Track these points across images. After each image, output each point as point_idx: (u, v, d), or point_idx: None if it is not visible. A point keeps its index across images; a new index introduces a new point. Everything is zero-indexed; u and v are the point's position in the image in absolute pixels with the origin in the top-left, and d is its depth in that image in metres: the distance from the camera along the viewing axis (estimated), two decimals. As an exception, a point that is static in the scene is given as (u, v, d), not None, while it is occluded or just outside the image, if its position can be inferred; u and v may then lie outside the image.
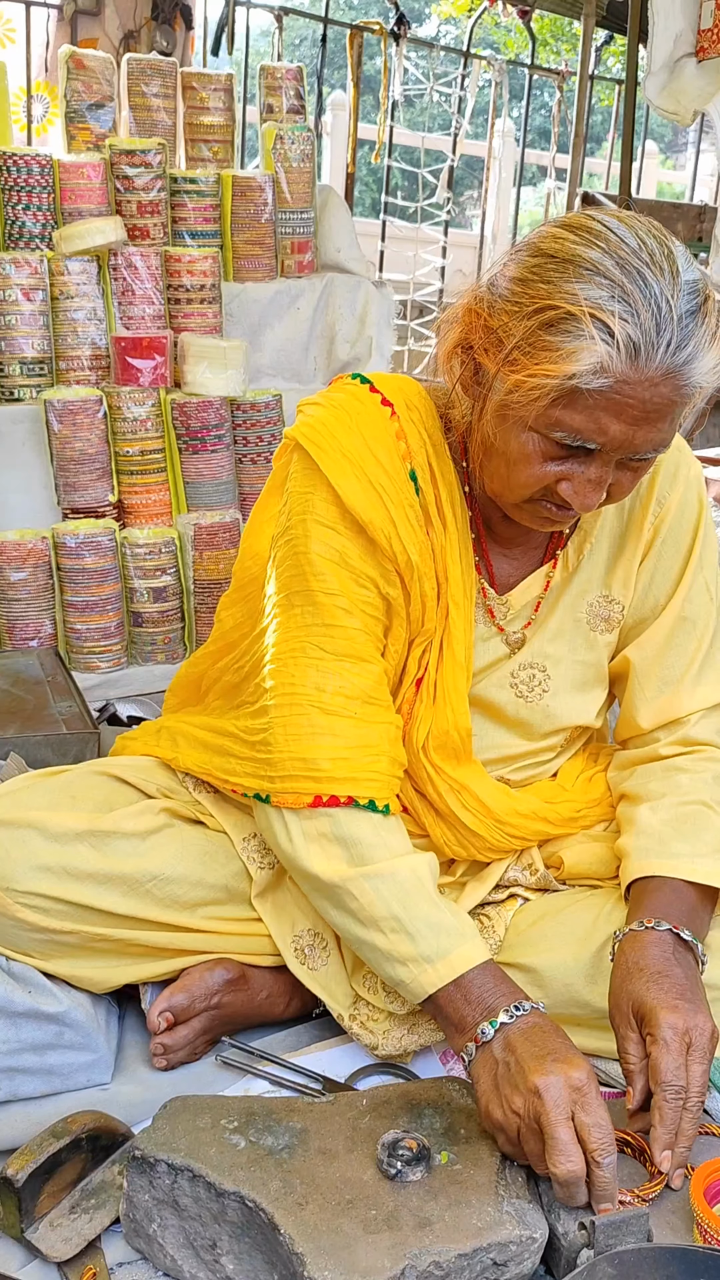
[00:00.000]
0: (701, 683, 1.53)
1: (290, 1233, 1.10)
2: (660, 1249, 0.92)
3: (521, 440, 1.26)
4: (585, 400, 1.19)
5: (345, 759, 1.35)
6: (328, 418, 1.39)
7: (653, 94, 2.99)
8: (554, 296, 1.18)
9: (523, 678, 1.52)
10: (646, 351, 1.16)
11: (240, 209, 2.95)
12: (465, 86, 6.91)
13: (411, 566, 1.39)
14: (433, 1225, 1.12)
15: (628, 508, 1.50)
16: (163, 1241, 1.19)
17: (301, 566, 1.38)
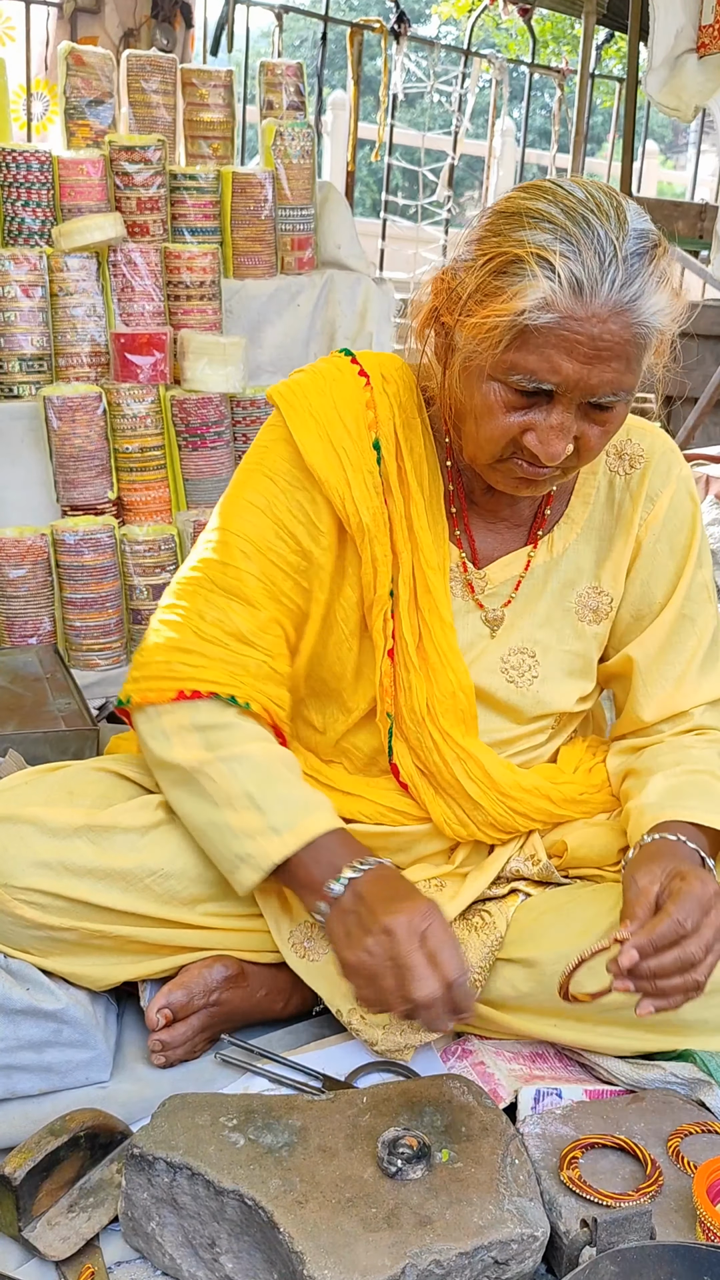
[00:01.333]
0: (704, 678, 1.55)
1: (290, 1231, 1.10)
2: (663, 1246, 0.92)
3: (484, 392, 1.30)
4: (536, 339, 1.24)
5: (203, 665, 1.42)
6: (305, 381, 1.47)
7: (654, 90, 2.99)
8: (502, 245, 1.25)
9: (513, 663, 1.54)
10: (591, 286, 1.22)
11: (240, 205, 2.94)
12: (466, 85, 6.90)
13: (363, 529, 1.44)
14: (433, 1223, 1.12)
15: (618, 502, 1.52)
16: (161, 1240, 1.18)
17: (228, 506, 1.48)
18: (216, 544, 1.46)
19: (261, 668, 1.44)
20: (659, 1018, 1.40)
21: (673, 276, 1.29)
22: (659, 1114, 1.36)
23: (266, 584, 1.45)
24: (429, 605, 1.47)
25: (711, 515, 3.34)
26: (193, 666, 1.42)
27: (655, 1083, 1.42)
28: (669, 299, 1.27)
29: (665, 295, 1.26)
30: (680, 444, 5.26)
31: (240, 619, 1.44)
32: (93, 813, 1.45)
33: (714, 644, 1.55)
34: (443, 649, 1.48)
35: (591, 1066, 1.48)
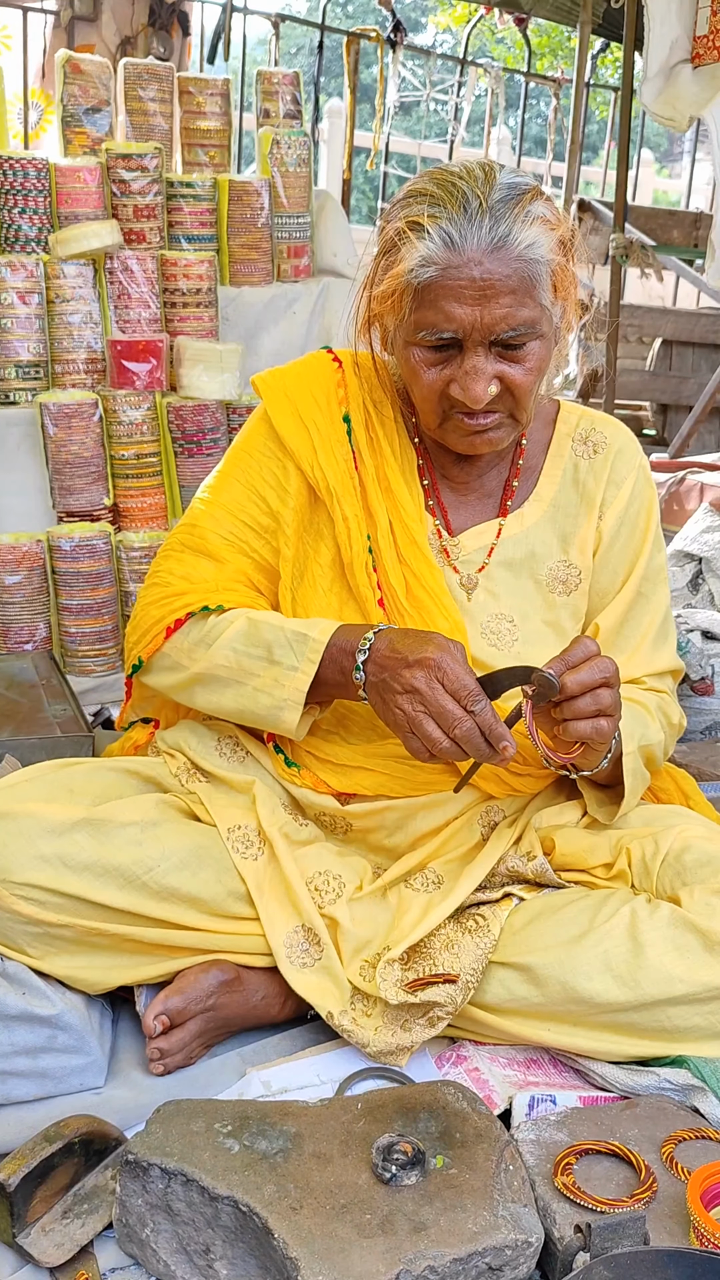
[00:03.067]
0: (656, 652, 1.67)
1: (284, 1237, 1.10)
2: (656, 1251, 0.92)
3: (408, 359, 1.45)
4: (428, 295, 1.39)
5: (182, 593, 1.56)
6: (285, 369, 1.64)
7: (649, 100, 3.00)
8: (389, 226, 1.42)
9: (493, 627, 1.62)
10: (461, 234, 1.36)
11: (236, 213, 2.95)
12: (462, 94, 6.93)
13: (330, 491, 1.57)
14: (428, 1229, 1.12)
15: (582, 483, 1.65)
16: (156, 1247, 1.18)
17: (210, 480, 1.64)
18: (192, 512, 1.63)
19: (230, 582, 1.59)
20: (652, 1025, 1.42)
21: (548, 214, 1.40)
22: (653, 1120, 1.36)
23: (234, 540, 1.60)
24: (413, 554, 1.57)
25: (706, 523, 3.35)
26: (174, 596, 1.58)
27: (649, 1089, 1.43)
28: (541, 232, 1.38)
29: (536, 229, 1.38)
30: (674, 452, 5.28)
31: (206, 572, 1.59)
32: (92, 807, 1.47)
33: (665, 622, 1.68)
34: (433, 590, 1.57)
35: (586, 1072, 1.48)
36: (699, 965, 1.41)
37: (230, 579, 1.59)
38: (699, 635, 2.85)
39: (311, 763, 1.61)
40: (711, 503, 3.47)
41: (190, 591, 1.57)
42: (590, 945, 1.43)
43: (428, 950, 1.50)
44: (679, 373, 6.54)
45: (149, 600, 1.60)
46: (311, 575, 1.60)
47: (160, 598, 1.58)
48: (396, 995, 1.44)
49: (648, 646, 1.66)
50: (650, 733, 1.57)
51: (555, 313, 1.47)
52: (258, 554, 1.61)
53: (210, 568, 1.59)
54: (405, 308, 1.42)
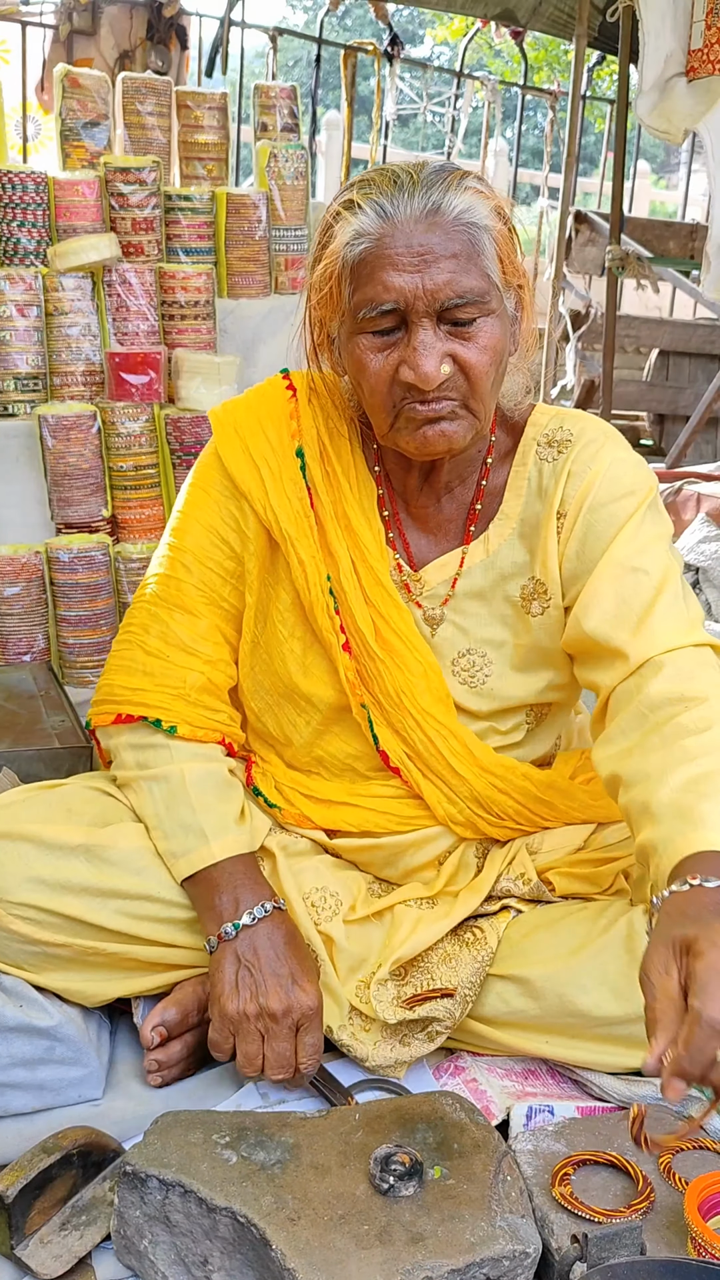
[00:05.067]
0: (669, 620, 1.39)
1: (282, 1248, 1.10)
2: (653, 1262, 0.92)
3: (355, 350, 1.37)
4: (364, 269, 1.33)
5: (140, 689, 1.52)
6: (239, 400, 1.58)
7: (644, 113, 3.02)
8: (325, 218, 1.38)
9: (463, 665, 1.55)
10: (393, 205, 1.32)
11: (234, 226, 2.96)
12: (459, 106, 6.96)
13: (284, 535, 1.50)
14: (425, 1240, 1.12)
15: (545, 489, 1.48)
16: (154, 1258, 1.18)
17: (174, 522, 1.58)
18: (163, 559, 1.57)
19: (200, 679, 1.53)
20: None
21: (481, 187, 1.36)
22: (650, 1130, 1.36)
23: (206, 592, 1.55)
24: (380, 596, 1.51)
25: (703, 533, 3.36)
26: (131, 689, 1.52)
27: (647, 1099, 1.42)
28: (475, 198, 1.34)
29: (470, 195, 1.33)
30: (671, 462, 5.28)
31: (181, 628, 1.54)
32: (91, 831, 1.46)
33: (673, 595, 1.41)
34: (403, 633, 1.51)
35: (583, 1083, 1.48)
36: None
37: (203, 635, 1.54)
38: (696, 645, 2.85)
39: (295, 797, 1.60)
40: (708, 513, 3.48)
41: (151, 688, 1.51)
42: (588, 958, 1.43)
43: (425, 964, 1.50)
44: (675, 383, 6.56)
45: (118, 663, 1.55)
46: (273, 621, 1.55)
47: (126, 667, 1.54)
48: (395, 1015, 1.44)
49: (658, 618, 1.38)
50: None
51: (509, 299, 1.39)
52: (227, 602, 1.56)
53: (184, 624, 1.54)
54: (344, 292, 1.36)
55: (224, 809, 1.48)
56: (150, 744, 1.51)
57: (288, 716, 1.59)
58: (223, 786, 1.51)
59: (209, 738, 1.53)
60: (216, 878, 1.44)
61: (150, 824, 1.49)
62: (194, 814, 1.46)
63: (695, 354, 6.58)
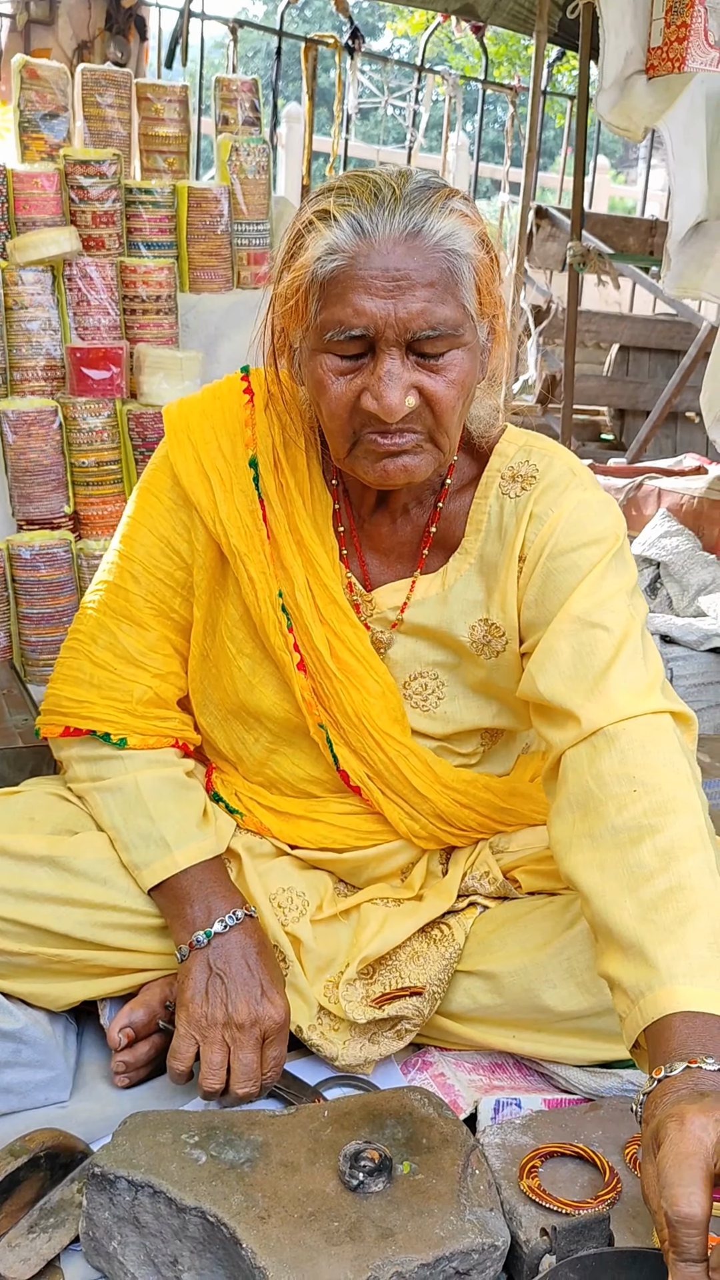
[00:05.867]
0: (626, 683, 1.31)
1: (252, 1247, 1.10)
2: (621, 1252, 0.93)
3: (317, 369, 1.29)
4: (335, 287, 1.24)
5: (86, 702, 1.49)
6: (193, 400, 1.51)
7: (604, 110, 3.03)
8: (296, 224, 1.28)
9: (415, 688, 1.52)
10: (372, 222, 1.22)
11: (196, 220, 2.94)
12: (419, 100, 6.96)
13: (233, 550, 1.46)
14: (395, 1236, 1.12)
15: (504, 528, 1.43)
16: (123, 1259, 1.18)
17: (123, 528, 1.52)
18: (111, 565, 1.53)
19: (147, 693, 1.51)
20: (615, 1029, 1.41)
21: (465, 209, 1.26)
22: (616, 1122, 1.38)
23: (155, 603, 1.51)
24: (335, 614, 1.46)
25: (663, 528, 3.39)
26: (78, 702, 1.50)
27: (613, 1090, 1.44)
28: (459, 223, 1.24)
29: (454, 219, 1.24)
30: (632, 457, 5.32)
31: (129, 640, 1.50)
32: (55, 841, 1.45)
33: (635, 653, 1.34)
34: (360, 653, 1.48)
35: (550, 1076, 1.49)
36: None
37: (151, 647, 1.51)
38: (657, 639, 2.88)
39: (254, 807, 1.59)
40: (669, 508, 3.51)
41: (97, 700, 1.49)
42: (554, 953, 1.44)
43: (393, 963, 1.50)
44: (635, 378, 6.60)
45: (64, 673, 1.53)
46: (221, 636, 1.51)
47: (73, 677, 1.51)
48: (364, 1015, 1.45)
49: (616, 679, 1.31)
50: (712, 904, 1.16)
51: (481, 328, 1.31)
52: (177, 613, 1.52)
53: (132, 636, 1.50)
54: (311, 307, 1.26)
55: (184, 813, 1.47)
56: (101, 755, 1.49)
57: (236, 734, 1.57)
58: (180, 790, 1.49)
59: (161, 744, 1.52)
60: (185, 886, 1.43)
61: (110, 835, 1.47)
62: (153, 823, 1.44)
63: (655, 349, 6.64)
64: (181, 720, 1.55)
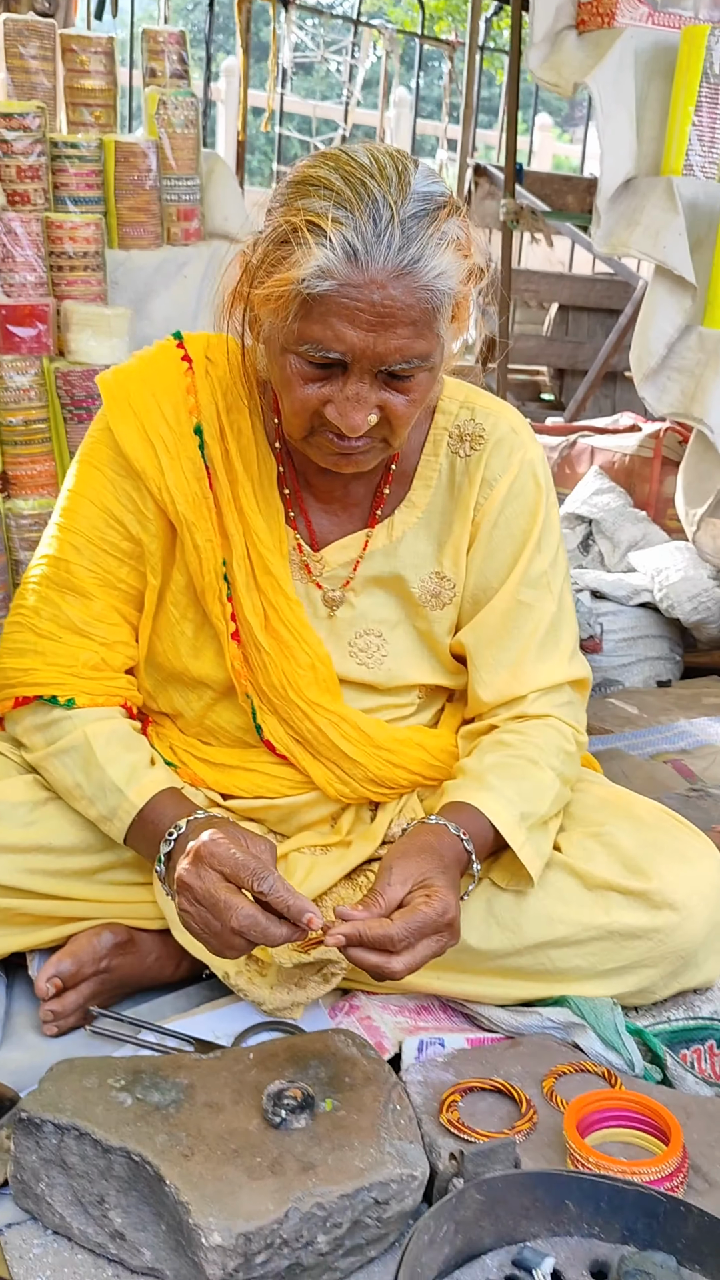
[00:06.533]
0: (542, 662, 1.53)
1: (175, 1183, 1.12)
2: (525, 1174, 0.97)
3: (282, 365, 1.29)
4: (319, 308, 1.22)
5: (31, 669, 1.48)
6: (129, 369, 1.48)
7: (534, 65, 3.02)
8: (285, 215, 1.23)
9: (360, 645, 1.55)
10: (366, 251, 1.20)
11: (123, 175, 2.90)
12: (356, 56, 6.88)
13: (181, 518, 1.46)
14: (316, 1169, 1.16)
15: (457, 485, 1.51)
16: (51, 1200, 1.20)
17: (64, 500, 1.50)
18: (52, 539, 1.51)
19: (93, 658, 1.49)
20: (535, 967, 1.47)
21: (461, 237, 1.26)
22: (535, 1057, 1.42)
23: (99, 573, 1.49)
24: (270, 585, 1.48)
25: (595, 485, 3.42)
26: (23, 670, 1.48)
27: (533, 1028, 1.49)
28: (453, 260, 1.24)
29: (449, 257, 1.24)
30: (570, 416, 5.36)
31: (73, 611, 1.49)
32: None
33: (553, 631, 1.53)
34: (292, 625, 1.49)
35: (474, 1016, 1.53)
36: (578, 907, 1.47)
37: (97, 617, 1.50)
38: (588, 595, 2.93)
39: (189, 759, 1.60)
40: (601, 466, 3.55)
41: (42, 667, 1.48)
42: (475, 894, 1.48)
43: (320, 909, 1.53)
44: (575, 338, 6.63)
45: (9, 646, 1.51)
46: (166, 603, 1.52)
47: (18, 649, 1.50)
48: (290, 959, 1.47)
49: (530, 659, 1.52)
50: (542, 796, 1.46)
51: (447, 340, 1.33)
52: (125, 583, 1.50)
53: (76, 606, 1.49)
54: (290, 313, 1.24)
55: (132, 758, 1.46)
56: (52, 720, 1.48)
57: (180, 694, 1.58)
58: (128, 739, 1.49)
59: (109, 703, 1.51)
60: (147, 829, 1.40)
61: (75, 796, 1.46)
62: (104, 772, 1.43)
63: (594, 309, 6.66)
64: (127, 681, 1.54)
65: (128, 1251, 1.17)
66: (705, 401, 2.73)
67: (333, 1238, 1.13)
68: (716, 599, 2.88)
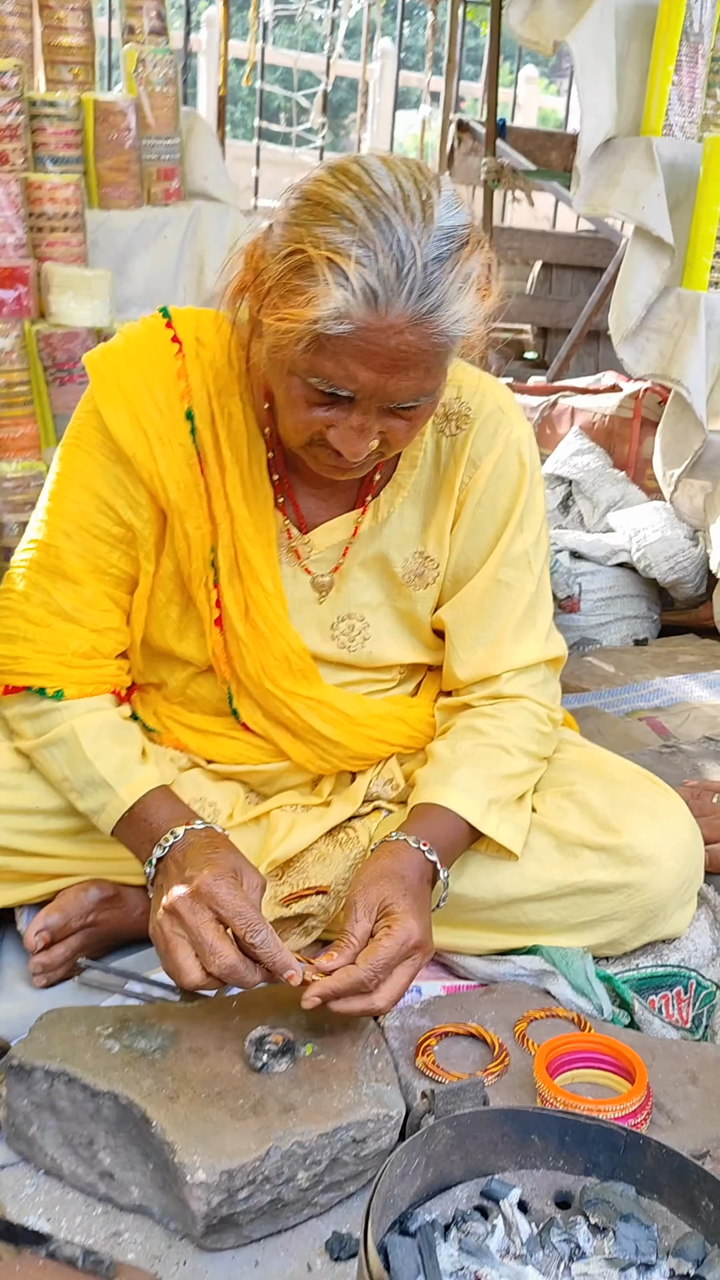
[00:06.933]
0: (518, 643, 1.55)
1: (162, 1124, 1.17)
2: (493, 1111, 1.02)
3: (287, 384, 1.27)
4: (333, 346, 1.19)
5: (20, 657, 1.47)
6: (118, 349, 1.44)
7: (514, 22, 3.00)
8: (302, 240, 1.18)
9: (342, 629, 1.56)
10: (386, 298, 1.17)
11: (102, 134, 2.90)
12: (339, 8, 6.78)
13: (171, 505, 1.44)
14: (296, 1110, 1.21)
15: (443, 464, 1.51)
16: (42, 1143, 1.25)
17: (52, 485, 1.48)
18: (41, 524, 1.48)
19: (83, 645, 1.48)
20: (509, 921, 1.53)
21: (481, 274, 1.24)
22: (509, 1003, 1.48)
23: (90, 559, 1.47)
24: (250, 575, 1.48)
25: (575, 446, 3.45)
26: (14, 658, 1.47)
27: (507, 976, 1.54)
28: (472, 305, 1.23)
29: (468, 302, 1.22)
30: (553, 375, 5.36)
31: (64, 598, 1.47)
32: None
33: (530, 611, 1.55)
34: (269, 618, 1.50)
35: (450, 965, 1.59)
36: (551, 865, 1.51)
37: (88, 604, 1.48)
38: (567, 555, 2.97)
39: (172, 725, 1.62)
40: (581, 426, 3.57)
41: (31, 655, 1.47)
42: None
43: (301, 865, 1.57)
44: (558, 296, 6.60)
45: (8, 630, 1.49)
46: (154, 584, 1.52)
47: (8, 635, 1.48)
48: (272, 912, 1.51)
49: (507, 639, 1.54)
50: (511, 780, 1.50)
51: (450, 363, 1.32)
52: (116, 568, 1.48)
53: (67, 593, 1.47)
54: (302, 344, 1.20)
55: (123, 752, 1.45)
56: (41, 710, 1.48)
57: (164, 666, 1.60)
58: (118, 731, 1.48)
59: (99, 691, 1.50)
60: (137, 826, 1.40)
61: (64, 789, 1.47)
62: (92, 767, 1.42)
63: (578, 266, 6.63)
64: (117, 666, 1.53)
65: (117, 1190, 1.22)
66: (683, 363, 2.76)
67: (312, 1174, 1.18)
68: (693, 559, 2.92)
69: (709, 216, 2.76)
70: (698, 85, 2.83)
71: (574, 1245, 0.96)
